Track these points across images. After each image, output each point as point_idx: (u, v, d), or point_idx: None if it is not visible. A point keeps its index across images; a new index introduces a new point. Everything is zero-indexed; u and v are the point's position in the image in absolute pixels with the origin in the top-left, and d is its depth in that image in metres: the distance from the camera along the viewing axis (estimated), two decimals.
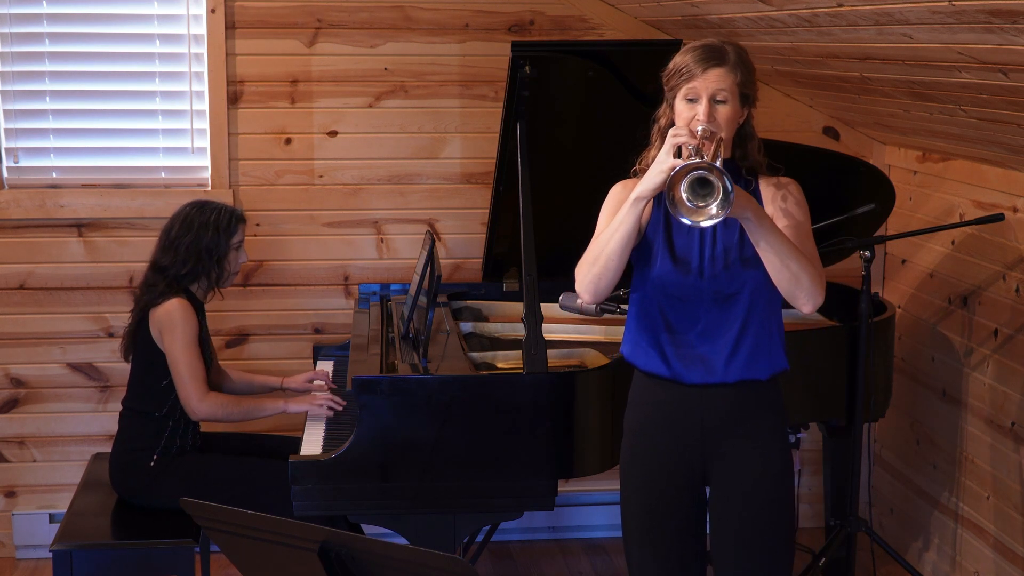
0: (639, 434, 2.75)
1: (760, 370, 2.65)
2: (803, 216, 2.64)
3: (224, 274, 3.60)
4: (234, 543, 2.22)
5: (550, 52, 3.53)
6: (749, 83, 2.60)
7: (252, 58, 4.19)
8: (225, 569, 3.94)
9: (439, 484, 3.10)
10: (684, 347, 2.65)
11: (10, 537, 4.36)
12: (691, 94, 2.56)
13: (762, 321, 2.63)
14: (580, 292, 2.65)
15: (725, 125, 2.56)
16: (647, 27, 4.28)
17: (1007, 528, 3.68)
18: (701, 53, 2.56)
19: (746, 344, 2.62)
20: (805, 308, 2.55)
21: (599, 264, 2.59)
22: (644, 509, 2.73)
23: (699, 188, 2.37)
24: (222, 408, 3.52)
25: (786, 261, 2.49)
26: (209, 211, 3.58)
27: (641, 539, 2.75)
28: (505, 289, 4.07)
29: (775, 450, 2.69)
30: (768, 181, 2.68)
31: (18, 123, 4.19)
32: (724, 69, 2.55)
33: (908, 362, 4.29)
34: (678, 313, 2.64)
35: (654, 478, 2.72)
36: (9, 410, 4.31)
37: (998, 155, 3.57)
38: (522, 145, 3.39)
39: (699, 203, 2.37)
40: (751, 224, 2.48)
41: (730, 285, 2.61)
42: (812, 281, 2.52)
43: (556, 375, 3.14)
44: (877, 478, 4.47)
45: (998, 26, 2.42)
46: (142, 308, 3.55)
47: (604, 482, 4.27)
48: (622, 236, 2.54)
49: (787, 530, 2.73)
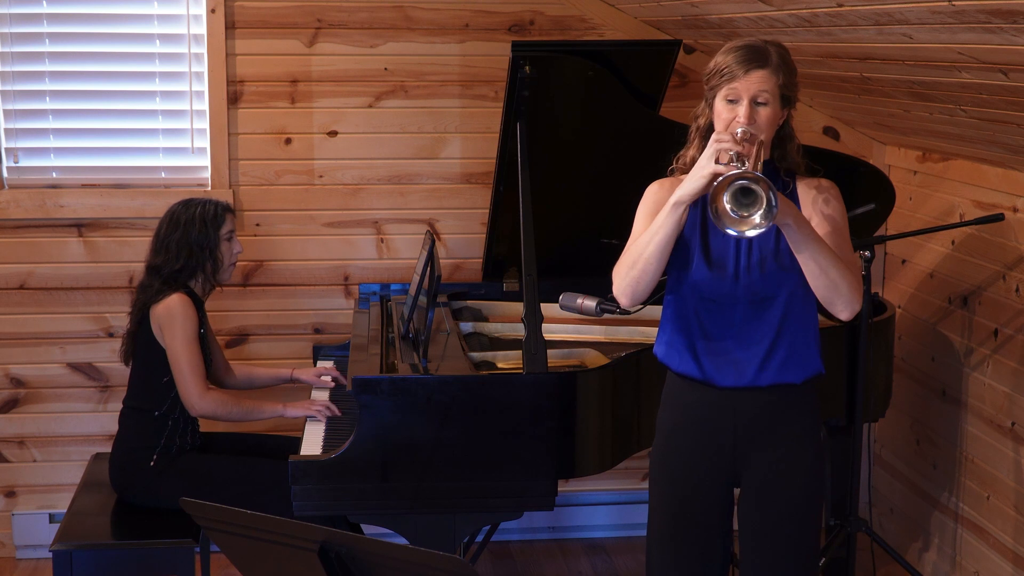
0: (671, 434, 2.74)
1: (794, 374, 2.63)
2: (842, 221, 2.61)
3: (219, 266, 3.60)
4: (234, 543, 2.22)
5: (550, 52, 3.53)
6: (791, 85, 2.56)
7: (252, 58, 4.19)
8: (225, 569, 3.94)
9: (439, 484, 3.10)
10: (718, 349, 2.63)
11: (10, 537, 4.36)
12: (732, 95, 2.53)
13: (798, 325, 2.61)
14: (618, 295, 2.63)
15: (766, 127, 2.53)
16: (647, 27, 4.28)
17: (1007, 528, 3.68)
18: (744, 54, 2.52)
19: (781, 348, 2.61)
20: (843, 315, 2.52)
21: (638, 268, 2.56)
22: (672, 508, 2.73)
23: (742, 197, 2.34)
24: (222, 406, 3.52)
25: (825, 268, 2.47)
26: (194, 206, 3.59)
27: (664, 538, 2.74)
28: (505, 289, 4.07)
29: (807, 454, 2.67)
30: (806, 183, 2.65)
31: (18, 123, 4.19)
32: (767, 71, 2.51)
33: (908, 362, 4.29)
34: (713, 316, 2.62)
35: (684, 478, 2.71)
36: (9, 410, 4.31)
37: (998, 155, 3.57)
38: (522, 145, 3.39)
39: (743, 212, 2.34)
40: (791, 230, 2.45)
41: (766, 289, 2.59)
42: (851, 288, 2.49)
43: (556, 375, 3.14)
44: (877, 478, 4.47)
45: (998, 26, 2.42)
46: (140, 308, 3.55)
47: (604, 482, 4.28)
48: (661, 240, 2.51)
49: (815, 535, 2.72)
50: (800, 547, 2.69)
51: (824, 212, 2.60)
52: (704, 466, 2.69)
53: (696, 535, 2.71)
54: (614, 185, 2.79)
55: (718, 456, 2.68)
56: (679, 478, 2.72)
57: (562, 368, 3.34)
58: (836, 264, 2.48)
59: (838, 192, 2.66)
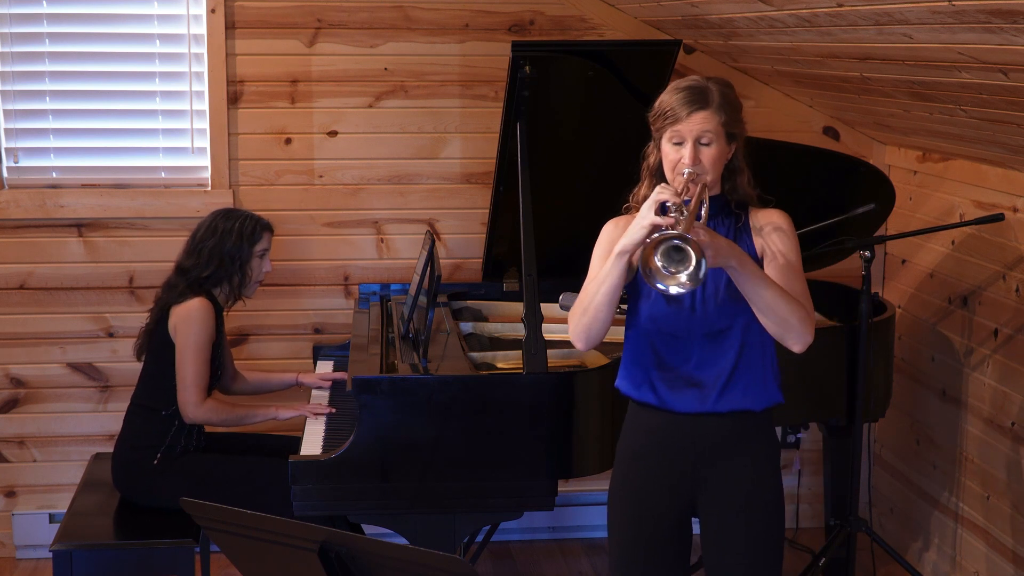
0: (630, 460, 2.74)
1: (753, 401, 2.65)
2: (793, 253, 2.63)
3: (246, 281, 3.63)
4: (234, 543, 2.22)
5: (550, 52, 3.53)
6: (734, 122, 2.59)
7: (252, 58, 4.19)
8: (225, 569, 3.94)
9: (439, 484, 3.10)
10: (675, 382, 2.65)
11: (10, 537, 4.36)
12: (676, 137, 2.56)
13: (755, 355, 2.63)
14: (573, 340, 2.66)
15: (711, 167, 2.56)
16: (647, 27, 4.28)
17: (1007, 528, 3.68)
18: (685, 96, 2.55)
19: (739, 378, 2.62)
20: (795, 348, 2.55)
21: (588, 315, 2.60)
22: (631, 535, 2.73)
23: (674, 254, 2.38)
24: (216, 413, 3.56)
25: (773, 306, 2.50)
26: (235, 218, 3.63)
27: (628, 563, 2.74)
28: (505, 289, 4.08)
29: (766, 478, 2.68)
30: (758, 215, 2.67)
31: (18, 123, 4.19)
32: (708, 111, 2.54)
33: (908, 362, 4.29)
34: (671, 349, 2.64)
35: (643, 504, 2.71)
36: (9, 410, 4.31)
37: (998, 155, 3.57)
38: (522, 145, 3.39)
39: (672, 269, 2.38)
40: (735, 272, 2.48)
41: (722, 320, 2.60)
42: (801, 323, 2.52)
43: (556, 375, 3.14)
44: (877, 478, 4.47)
45: (998, 26, 2.42)
46: (162, 307, 3.57)
47: (604, 482, 4.25)
48: (608, 289, 2.55)
49: (776, 560, 2.73)
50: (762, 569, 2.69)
51: (775, 247, 2.62)
52: (662, 491, 2.69)
53: (657, 561, 2.71)
54: (614, 185, 2.79)
55: (677, 481, 2.68)
56: (637, 502, 2.71)
57: (562, 368, 3.34)
58: (784, 301, 2.50)
59: (790, 223, 2.67)
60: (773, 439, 2.73)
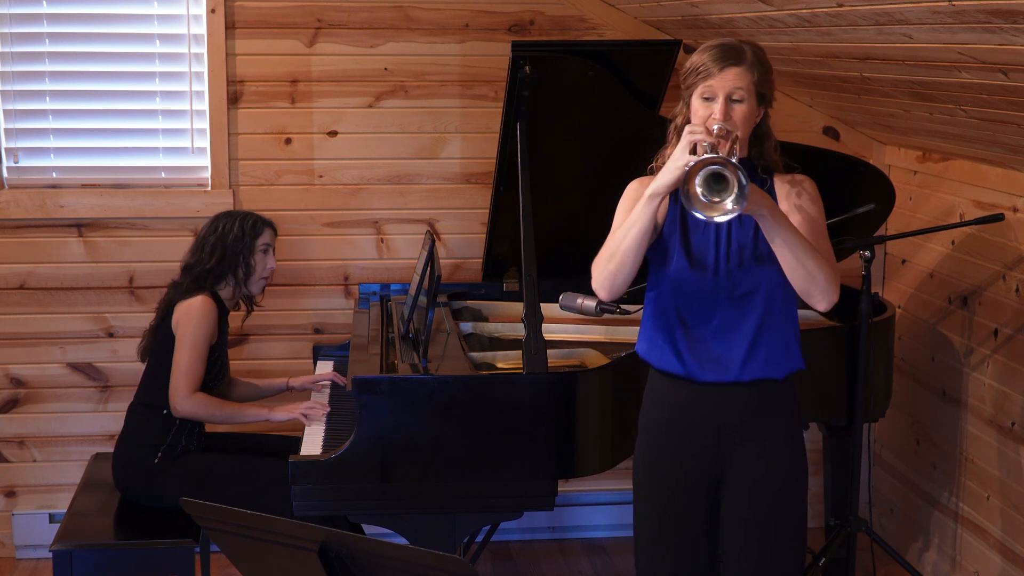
0: (655, 433, 2.74)
1: (776, 369, 2.64)
2: (818, 213, 2.63)
3: (251, 274, 3.63)
4: (234, 543, 2.22)
5: (550, 52, 3.53)
6: (766, 82, 2.59)
7: (252, 58, 4.19)
8: (225, 569, 3.94)
9: (439, 484, 3.10)
10: (699, 344, 2.64)
11: (10, 537, 4.36)
12: (708, 92, 2.55)
13: (778, 319, 2.63)
14: (596, 289, 2.64)
15: (741, 124, 2.56)
16: (647, 27, 4.28)
17: (1007, 528, 3.68)
18: (718, 52, 2.55)
19: (763, 343, 2.62)
20: (820, 306, 2.55)
21: (615, 261, 2.58)
22: (657, 508, 2.73)
23: (714, 183, 2.36)
24: (204, 408, 3.53)
25: (801, 259, 2.49)
26: (237, 216, 3.68)
27: (653, 537, 2.74)
28: (505, 289, 4.07)
29: (790, 450, 2.69)
30: (783, 179, 2.67)
31: (18, 123, 4.19)
32: (741, 68, 2.54)
33: (908, 362, 4.29)
34: (693, 311, 2.64)
35: (668, 477, 2.71)
36: (9, 410, 4.30)
37: (998, 155, 3.57)
38: (522, 145, 3.39)
39: (714, 198, 2.36)
40: (766, 221, 2.47)
41: (745, 283, 2.60)
42: (828, 279, 2.52)
43: (556, 375, 3.14)
44: (877, 478, 4.47)
45: (998, 26, 2.42)
46: (167, 304, 3.58)
47: (604, 482, 4.27)
48: (637, 233, 2.53)
49: (799, 532, 2.73)
50: (785, 543, 2.70)
51: (800, 205, 2.62)
52: (687, 464, 2.70)
53: (683, 532, 2.72)
54: (614, 185, 2.79)
55: (701, 453, 2.68)
56: (662, 476, 2.72)
57: (562, 368, 3.34)
58: (812, 255, 2.50)
59: (815, 186, 2.68)
60: (796, 408, 2.72)
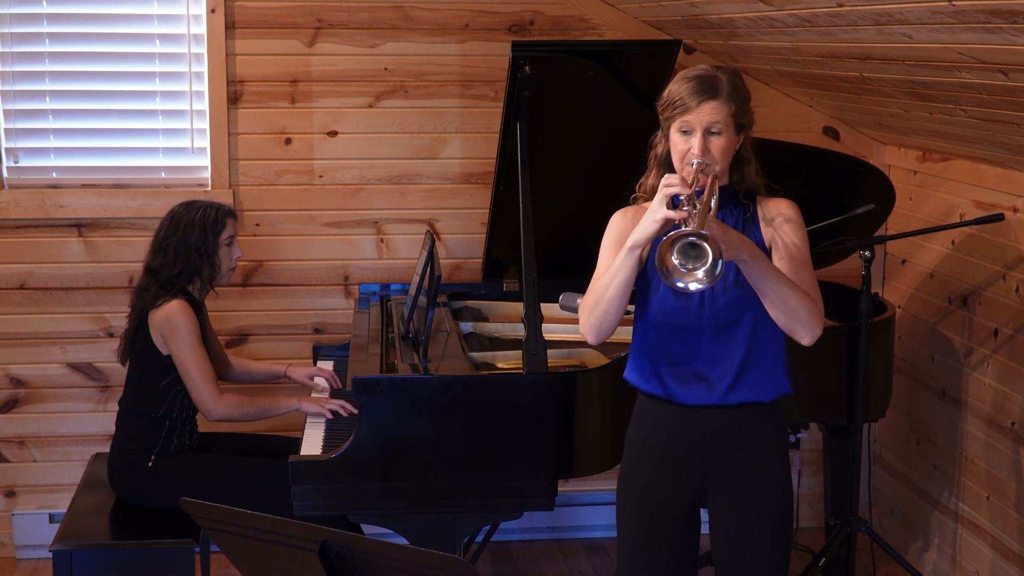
0: (639, 449, 2.74)
1: (763, 393, 2.64)
2: (802, 243, 2.62)
3: (216, 272, 3.58)
4: (234, 543, 2.22)
5: (550, 52, 3.53)
6: (744, 112, 2.58)
7: (252, 58, 4.19)
8: (225, 569, 3.94)
9: (439, 484, 3.10)
10: (685, 376, 2.64)
11: (10, 537, 4.36)
12: (685, 127, 2.54)
13: (765, 347, 2.62)
14: (585, 334, 2.65)
15: (720, 157, 2.55)
16: (647, 27, 4.28)
17: (1007, 528, 3.68)
18: (695, 86, 2.54)
19: (749, 371, 2.61)
20: (804, 341, 2.54)
21: (600, 309, 2.58)
22: (639, 525, 2.72)
23: (690, 251, 2.36)
24: (238, 408, 3.52)
25: (784, 297, 2.49)
26: (195, 209, 3.56)
27: (634, 555, 2.74)
28: (505, 289, 4.08)
29: (775, 470, 2.68)
30: (767, 205, 2.66)
31: (18, 123, 4.19)
32: (718, 102, 2.53)
33: (908, 362, 4.29)
34: (680, 343, 2.63)
35: (652, 494, 2.70)
36: (9, 410, 4.31)
37: (998, 155, 3.57)
38: (522, 145, 3.39)
39: (690, 265, 2.36)
40: (747, 266, 2.48)
41: (731, 314, 2.60)
42: (810, 315, 2.51)
43: (556, 375, 3.14)
44: (877, 478, 4.47)
45: (998, 26, 2.42)
46: (139, 313, 3.54)
47: (604, 482, 4.27)
48: (620, 283, 2.54)
49: (785, 548, 2.73)
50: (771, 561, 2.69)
51: (784, 238, 2.61)
52: (672, 482, 2.69)
53: (664, 551, 2.71)
54: (614, 185, 2.79)
55: (686, 472, 2.68)
56: (647, 493, 2.71)
57: (562, 368, 3.34)
58: (795, 293, 2.50)
59: (799, 213, 2.66)
60: (782, 430, 2.72)
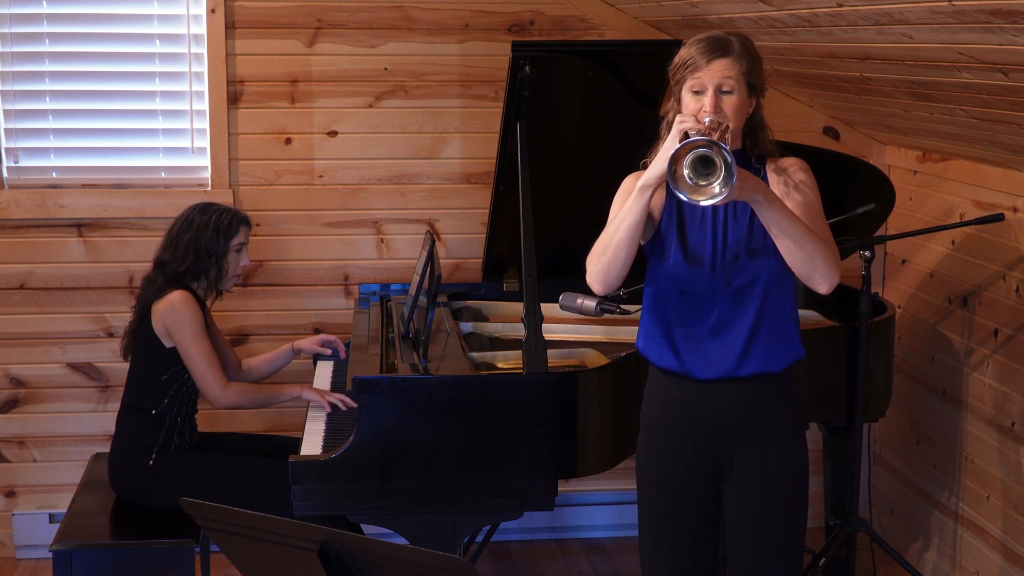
0: (654, 430, 2.74)
1: (774, 362, 2.64)
2: (813, 194, 2.62)
3: (223, 275, 3.61)
4: (234, 543, 2.22)
5: (550, 52, 3.53)
6: (755, 72, 2.58)
7: (252, 58, 4.19)
8: (225, 569, 3.94)
9: (439, 484, 3.10)
10: (696, 341, 2.64)
11: (10, 537, 4.36)
12: (697, 86, 2.55)
13: (776, 312, 2.62)
14: (591, 283, 2.64)
15: (733, 115, 2.54)
16: (647, 27, 4.28)
17: (1007, 528, 3.68)
18: (705, 45, 2.55)
19: (760, 337, 2.61)
20: (822, 288, 2.54)
21: (608, 254, 2.58)
22: (659, 505, 2.73)
23: (701, 167, 2.35)
24: (244, 395, 3.57)
25: (800, 242, 2.48)
26: (211, 212, 3.61)
27: (656, 535, 2.75)
28: (505, 289, 4.07)
29: (790, 446, 2.68)
30: (777, 162, 2.67)
31: (18, 123, 4.19)
32: (729, 59, 2.53)
33: (908, 362, 4.29)
34: (691, 307, 2.63)
35: (669, 474, 2.71)
36: (9, 410, 4.31)
37: (998, 155, 3.57)
38: (522, 145, 3.39)
39: (701, 182, 2.35)
40: (761, 206, 2.46)
41: (741, 276, 2.59)
42: (827, 261, 2.51)
43: (556, 375, 3.14)
44: (877, 478, 4.47)
45: (998, 26, 2.42)
46: (143, 306, 3.56)
47: (604, 482, 4.28)
48: (630, 225, 2.53)
49: (801, 527, 2.74)
50: (787, 539, 2.70)
51: (792, 188, 2.61)
52: (687, 461, 2.70)
53: (683, 532, 2.72)
54: (614, 185, 2.79)
55: (701, 450, 2.68)
56: (663, 473, 2.72)
57: (562, 368, 3.34)
58: (810, 237, 2.49)
59: (807, 167, 2.67)
60: (797, 402, 2.72)
